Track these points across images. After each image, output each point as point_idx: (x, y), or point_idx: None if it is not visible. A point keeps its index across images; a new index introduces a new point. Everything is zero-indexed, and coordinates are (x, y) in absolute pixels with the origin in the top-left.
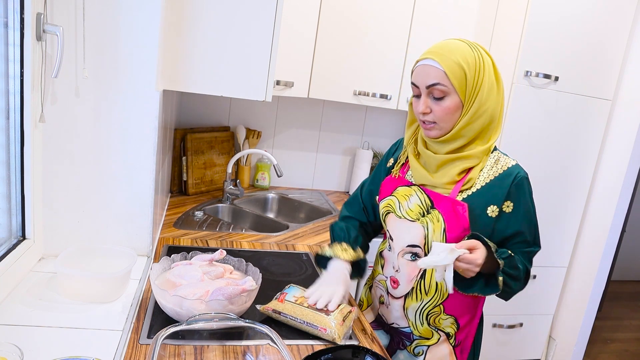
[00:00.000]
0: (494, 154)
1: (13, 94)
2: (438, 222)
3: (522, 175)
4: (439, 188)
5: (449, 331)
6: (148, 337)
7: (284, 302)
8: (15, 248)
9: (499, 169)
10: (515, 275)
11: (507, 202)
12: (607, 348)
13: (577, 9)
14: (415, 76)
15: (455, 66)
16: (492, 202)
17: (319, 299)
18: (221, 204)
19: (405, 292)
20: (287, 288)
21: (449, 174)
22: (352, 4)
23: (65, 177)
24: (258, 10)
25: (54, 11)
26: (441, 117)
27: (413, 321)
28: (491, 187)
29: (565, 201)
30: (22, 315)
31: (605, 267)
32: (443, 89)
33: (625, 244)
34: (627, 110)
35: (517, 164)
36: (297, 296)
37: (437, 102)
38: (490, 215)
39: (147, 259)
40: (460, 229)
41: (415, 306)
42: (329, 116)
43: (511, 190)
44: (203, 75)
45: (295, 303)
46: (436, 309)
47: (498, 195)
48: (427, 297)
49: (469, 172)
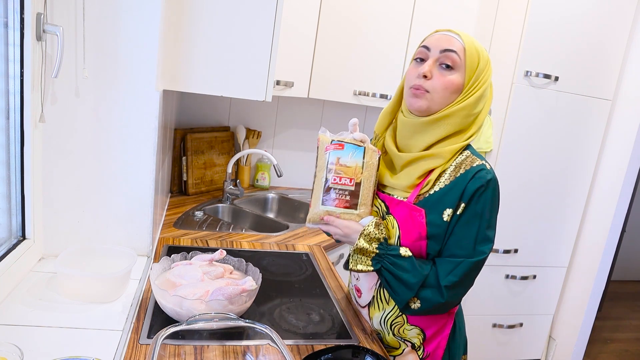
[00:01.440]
0: (464, 154)
1: (13, 94)
2: (393, 229)
3: (482, 176)
4: (397, 191)
5: (414, 342)
6: (148, 337)
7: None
8: (15, 248)
9: (460, 169)
10: (400, 277)
11: (460, 203)
12: (607, 348)
13: (577, 9)
14: (431, 40)
15: (474, 48)
16: (447, 205)
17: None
18: (221, 204)
19: (367, 301)
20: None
21: (410, 177)
22: (352, 4)
23: (65, 177)
24: (258, 10)
25: (54, 11)
26: (438, 88)
27: (380, 330)
28: (449, 189)
29: (565, 201)
30: (22, 315)
31: (605, 267)
32: (456, 60)
33: (625, 244)
34: (627, 110)
35: (483, 164)
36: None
37: (443, 72)
38: (445, 220)
39: (147, 259)
40: (416, 235)
41: (378, 315)
42: (329, 116)
43: (466, 191)
44: (203, 75)
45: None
46: (399, 319)
47: (453, 197)
48: (389, 306)
49: (429, 175)
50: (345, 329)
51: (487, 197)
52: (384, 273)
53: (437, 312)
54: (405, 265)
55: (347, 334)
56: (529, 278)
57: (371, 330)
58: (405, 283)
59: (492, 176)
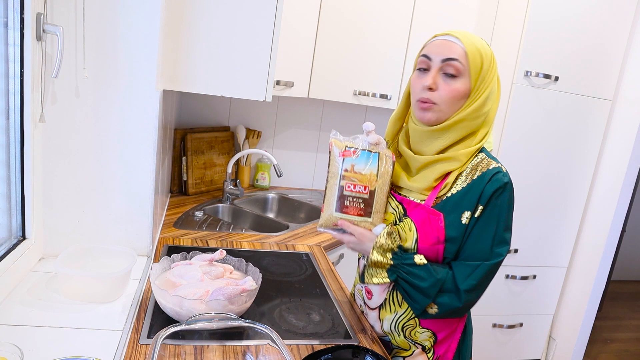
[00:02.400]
0: (479, 156)
1: (13, 94)
2: (410, 232)
3: (499, 179)
4: (414, 193)
5: (425, 344)
6: (148, 337)
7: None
8: (15, 248)
9: (477, 172)
10: (417, 285)
11: (478, 206)
12: (607, 348)
13: (577, 9)
14: (431, 47)
15: (475, 50)
16: (465, 208)
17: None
18: (221, 204)
19: (379, 304)
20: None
21: (427, 179)
22: (352, 4)
23: (65, 177)
24: (258, 10)
25: (54, 11)
26: (445, 99)
27: (390, 332)
28: (466, 192)
29: (565, 201)
30: (22, 315)
31: (605, 267)
32: (459, 67)
33: (625, 244)
34: (627, 110)
35: (499, 167)
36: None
37: (447, 82)
38: (464, 222)
39: (147, 259)
40: (434, 239)
41: (390, 318)
42: (329, 116)
43: (484, 193)
44: (203, 75)
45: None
46: (411, 322)
47: (472, 199)
48: (401, 309)
49: (447, 177)
50: (345, 328)
51: (504, 199)
52: (401, 283)
53: (453, 316)
54: (421, 274)
55: (347, 334)
56: (529, 278)
57: (371, 330)
58: (422, 291)
59: (509, 179)
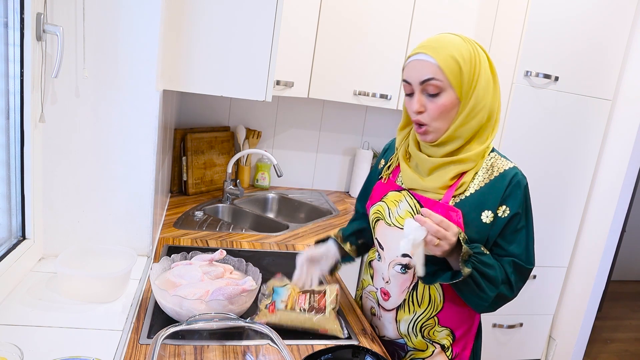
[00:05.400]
0: (491, 155)
1: (13, 94)
2: None
3: (519, 180)
4: (430, 192)
5: (444, 343)
6: (148, 337)
7: (276, 312)
8: (15, 248)
9: (494, 171)
10: (488, 275)
11: (503, 207)
12: (607, 348)
13: (577, 9)
14: (408, 72)
15: (450, 59)
16: (486, 207)
17: (304, 284)
18: (221, 204)
19: (397, 305)
20: (272, 294)
21: (442, 178)
22: (352, 4)
23: (65, 177)
24: (258, 10)
25: (54, 11)
26: (436, 115)
27: (406, 333)
28: (485, 191)
29: (565, 201)
30: (22, 315)
31: (605, 267)
32: (438, 84)
33: (625, 244)
34: (627, 110)
35: (515, 167)
36: (285, 299)
37: (432, 100)
38: (484, 222)
39: (147, 259)
40: None
41: (408, 318)
42: (329, 116)
43: (507, 194)
44: (203, 75)
45: (286, 310)
46: (430, 321)
47: (493, 199)
48: (420, 309)
49: (463, 176)
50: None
51: (529, 205)
52: (474, 274)
53: (493, 309)
54: (491, 262)
55: (347, 334)
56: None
57: (371, 331)
58: (493, 280)
59: (526, 181)
